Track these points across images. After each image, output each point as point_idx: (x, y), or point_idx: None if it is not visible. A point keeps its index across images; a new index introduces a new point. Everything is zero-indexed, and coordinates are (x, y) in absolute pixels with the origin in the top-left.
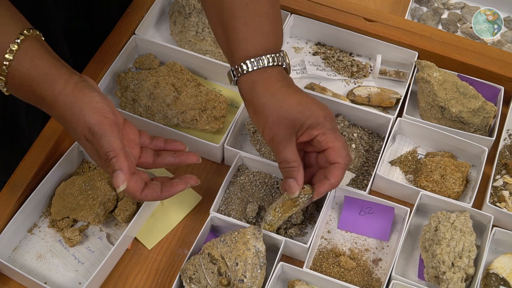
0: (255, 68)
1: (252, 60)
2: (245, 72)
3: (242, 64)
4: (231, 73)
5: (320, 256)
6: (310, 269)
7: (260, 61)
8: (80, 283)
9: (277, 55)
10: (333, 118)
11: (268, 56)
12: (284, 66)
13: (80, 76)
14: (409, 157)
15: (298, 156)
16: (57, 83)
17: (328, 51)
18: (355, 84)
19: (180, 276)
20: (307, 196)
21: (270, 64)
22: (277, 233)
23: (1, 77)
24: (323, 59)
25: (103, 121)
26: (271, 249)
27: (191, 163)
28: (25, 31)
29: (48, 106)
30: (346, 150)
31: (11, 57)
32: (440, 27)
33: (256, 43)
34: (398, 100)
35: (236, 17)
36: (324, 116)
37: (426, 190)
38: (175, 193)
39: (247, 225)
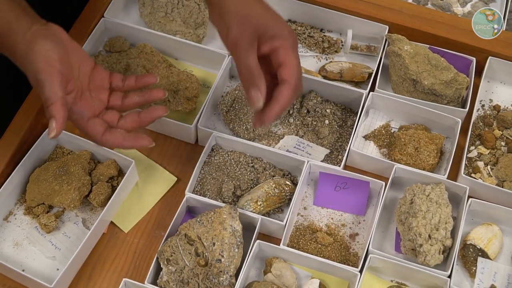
0: None
1: None
2: None
3: None
4: None
5: (297, 233)
6: (287, 246)
7: None
8: (58, 269)
9: None
10: (296, 40)
11: None
12: None
13: (43, 25)
14: (383, 131)
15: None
16: (17, 33)
17: (299, 28)
18: (326, 60)
19: (157, 258)
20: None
21: None
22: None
23: None
24: None
25: (46, 69)
26: (248, 228)
27: (158, 99)
28: None
29: (11, 56)
30: (299, 73)
31: None
32: (410, 0)
33: None
34: (370, 74)
35: None
36: (289, 31)
37: (401, 163)
38: (137, 146)
39: (223, 204)
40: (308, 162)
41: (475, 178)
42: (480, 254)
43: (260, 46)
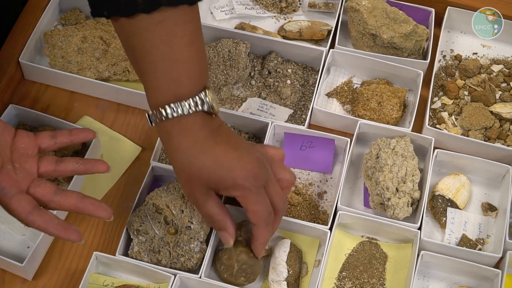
0: (170, 116)
1: (166, 107)
2: (160, 120)
3: (154, 111)
4: (148, 117)
5: None
6: None
7: (177, 108)
8: (28, 247)
9: (194, 100)
10: (257, 175)
11: (182, 103)
12: (205, 109)
13: None
14: (345, 88)
15: (222, 206)
16: None
17: None
18: (285, 19)
19: (127, 229)
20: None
21: (185, 112)
22: None
23: None
24: None
25: None
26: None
27: (100, 172)
28: None
29: None
30: (268, 211)
31: None
32: None
33: (167, 91)
34: (329, 31)
35: (146, 61)
36: (243, 177)
37: (365, 119)
38: (62, 237)
39: None
40: (272, 123)
41: (440, 129)
42: (449, 204)
43: (219, 193)
